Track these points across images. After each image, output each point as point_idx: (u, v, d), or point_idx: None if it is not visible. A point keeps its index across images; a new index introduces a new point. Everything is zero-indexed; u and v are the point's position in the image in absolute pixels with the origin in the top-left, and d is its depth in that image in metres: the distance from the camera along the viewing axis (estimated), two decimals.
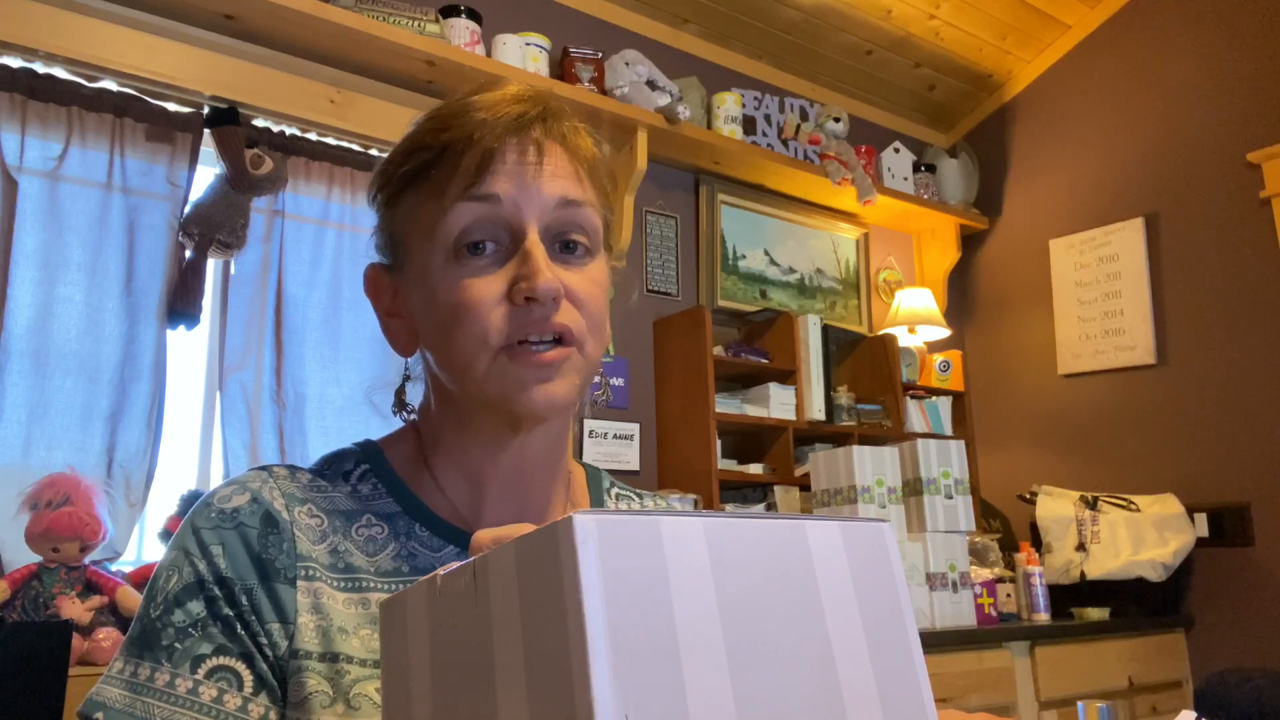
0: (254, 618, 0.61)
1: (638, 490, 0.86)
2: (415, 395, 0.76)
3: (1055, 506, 3.07)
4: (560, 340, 0.65)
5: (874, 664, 0.40)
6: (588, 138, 0.72)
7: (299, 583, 0.63)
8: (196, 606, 0.61)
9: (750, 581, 0.38)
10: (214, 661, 0.60)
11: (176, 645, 0.60)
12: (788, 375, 2.94)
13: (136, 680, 0.60)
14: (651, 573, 0.36)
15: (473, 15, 2.53)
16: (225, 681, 0.60)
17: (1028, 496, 3.17)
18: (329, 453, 0.74)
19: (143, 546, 2.11)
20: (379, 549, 0.67)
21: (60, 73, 2.04)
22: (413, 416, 0.75)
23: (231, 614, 0.61)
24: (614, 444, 2.76)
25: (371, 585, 0.65)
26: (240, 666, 0.60)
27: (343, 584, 0.65)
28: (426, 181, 0.67)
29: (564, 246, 0.67)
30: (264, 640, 0.61)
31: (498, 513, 0.71)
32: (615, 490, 0.83)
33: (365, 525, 0.68)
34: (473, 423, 0.69)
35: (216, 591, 0.61)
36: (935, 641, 2.39)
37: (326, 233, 2.36)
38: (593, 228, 0.68)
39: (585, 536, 0.35)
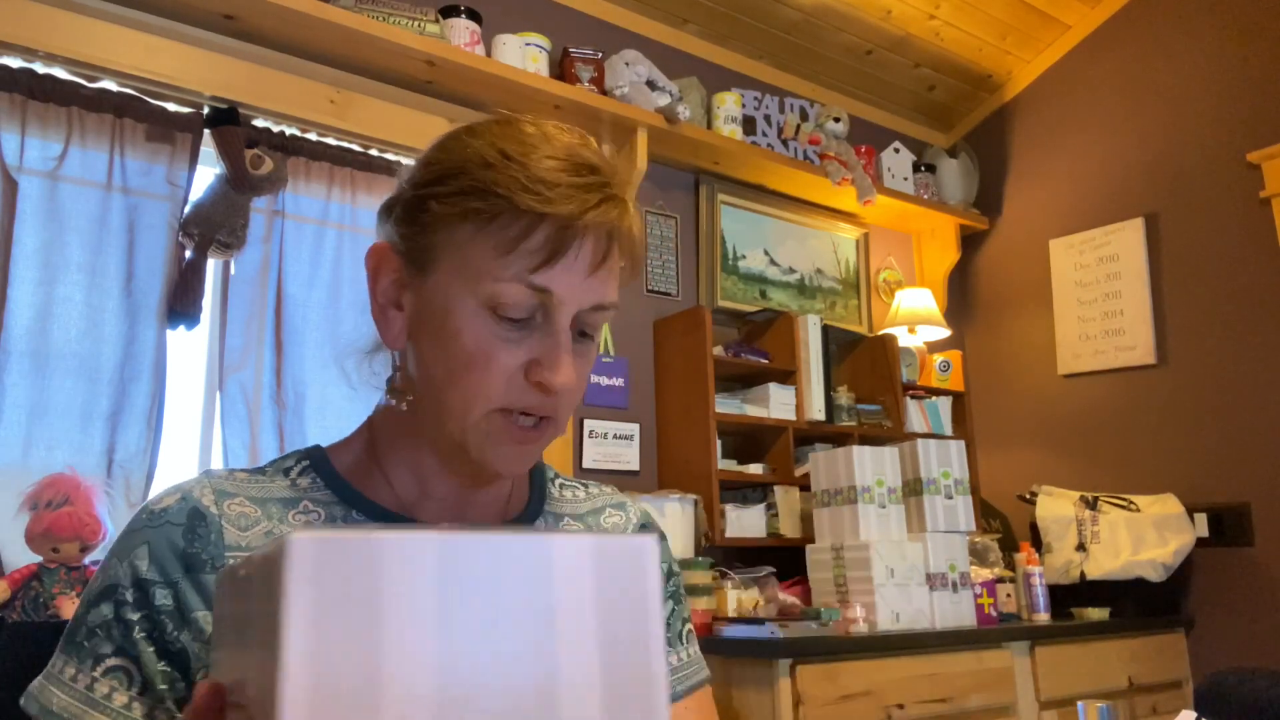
0: (170, 618, 0.65)
1: (583, 481, 0.89)
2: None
3: (1055, 506, 3.07)
4: (543, 417, 0.70)
5: (605, 694, 0.38)
6: (637, 219, 0.74)
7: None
8: (107, 609, 0.66)
9: (478, 602, 0.37)
10: (111, 661, 0.65)
11: (85, 643, 0.65)
12: (788, 375, 2.94)
13: (52, 671, 0.66)
14: (365, 593, 0.36)
15: (473, 15, 2.53)
16: (117, 680, 0.64)
17: (1028, 496, 3.17)
18: (278, 458, 0.78)
19: None
20: None
21: (60, 73, 2.04)
22: (392, 402, 0.77)
23: (135, 618, 0.65)
24: (614, 444, 2.76)
25: None
26: (132, 667, 0.65)
27: None
28: (490, 230, 0.66)
29: (579, 333, 0.71)
30: (182, 637, 0.65)
31: (437, 510, 0.75)
32: (560, 481, 0.87)
33: (302, 512, 0.72)
34: (437, 443, 0.73)
35: (128, 596, 0.66)
36: (935, 641, 2.39)
37: (326, 233, 2.36)
38: (603, 323, 0.72)
39: (300, 556, 0.35)
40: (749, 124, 3.15)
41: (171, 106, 2.17)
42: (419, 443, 0.74)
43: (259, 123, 2.28)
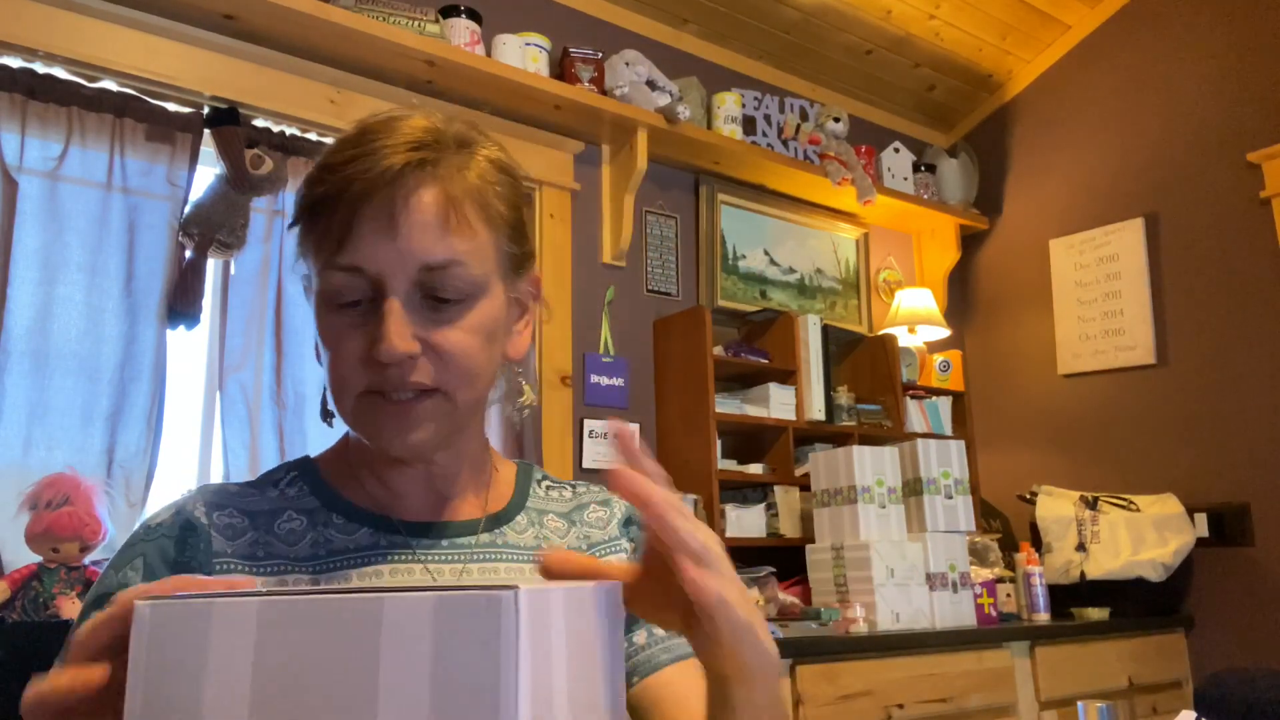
0: None
1: (573, 482, 0.89)
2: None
3: (1055, 506, 3.07)
4: (422, 391, 0.69)
5: None
6: (479, 170, 0.72)
7: (214, 576, 0.70)
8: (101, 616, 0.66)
9: (296, 666, 0.37)
10: None
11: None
12: (788, 375, 2.94)
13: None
14: (191, 657, 0.36)
15: (473, 15, 2.53)
16: None
17: (1028, 496, 3.17)
18: (271, 469, 0.81)
19: None
20: (298, 539, 0.73)
21: (60, 73, 2.04)
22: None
23: None
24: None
25: (290, 569, 0.72)
26: None
27: (262, 570, 0.71)
28: (311, 228, 0.71)
29: (437, 299, 0.69)
30: None
31: (415, 508, 0.77)
32: (546, 483, 0.87)
33: (286, 520, 0.74)
34: (368, 446, 0.75)
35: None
36: (935, 641, 2.39)
37: None
38: (466, 281, 0.69)
39: (139, 619, 0.36)
40: (749, 124, 3.15)
41: (171, 106, 2.17)
42: (373, 453, 0.76)
43: (259, 123, 2.28)
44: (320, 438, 2.24)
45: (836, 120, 3.23)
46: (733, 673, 0.51)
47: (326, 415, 0.80)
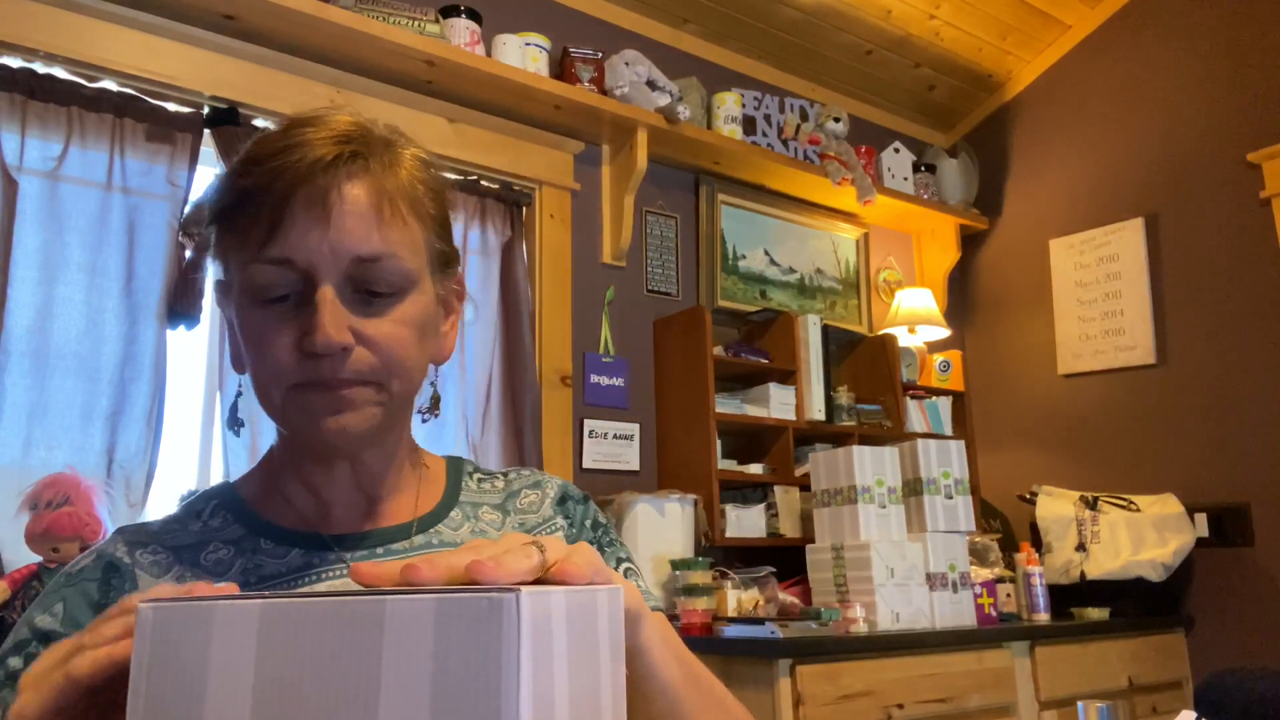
0: None
1: (504, 469, 0.88)
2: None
3: (1055, 506, 3.07)
4: (355, 381, 0.68)
5: None
6: (409, 167, 0.72)
7: None
8: (16, 662, 0.66)
9: (297, 669, 0.36)
10: None
11: None
12: (788, 375, 2.94)
13: None
14: (193, 660, 0.36)
15: (473, 15, 2.53)
16: None
17: (1028, 496, 3.17)
18: (192, 499, 0.79)
19: None
20: (226, 569, 0.72)
21: (60, 73, 2.04)
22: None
23: None
24: (614, 444, 2.76)
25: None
26: None
27: None
28: (233, 224, 0.69)
29: (368, 292, 0.68)
30: None
31: (344, 518, 0.75)
32: (478, 475, 0.86)
33: (212, 551, 0.73)
34: (299, 442, 0.73)
35: (35, 650, 0.66)
36: (935, 641, 2.39)
37: None
38: (398, 274, 0.69)
39: (142, 622, 0.36)
40: (749, 124, 3.15)
41: (171, 106, 2.17)
42: (300, 458, 0.75)
43: (259, 123, 2.28)
44: None
45: (836, 120, 3.23)
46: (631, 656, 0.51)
47: (235, 423, 0.79)
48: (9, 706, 0.64)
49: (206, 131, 2.19)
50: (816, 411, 2.96)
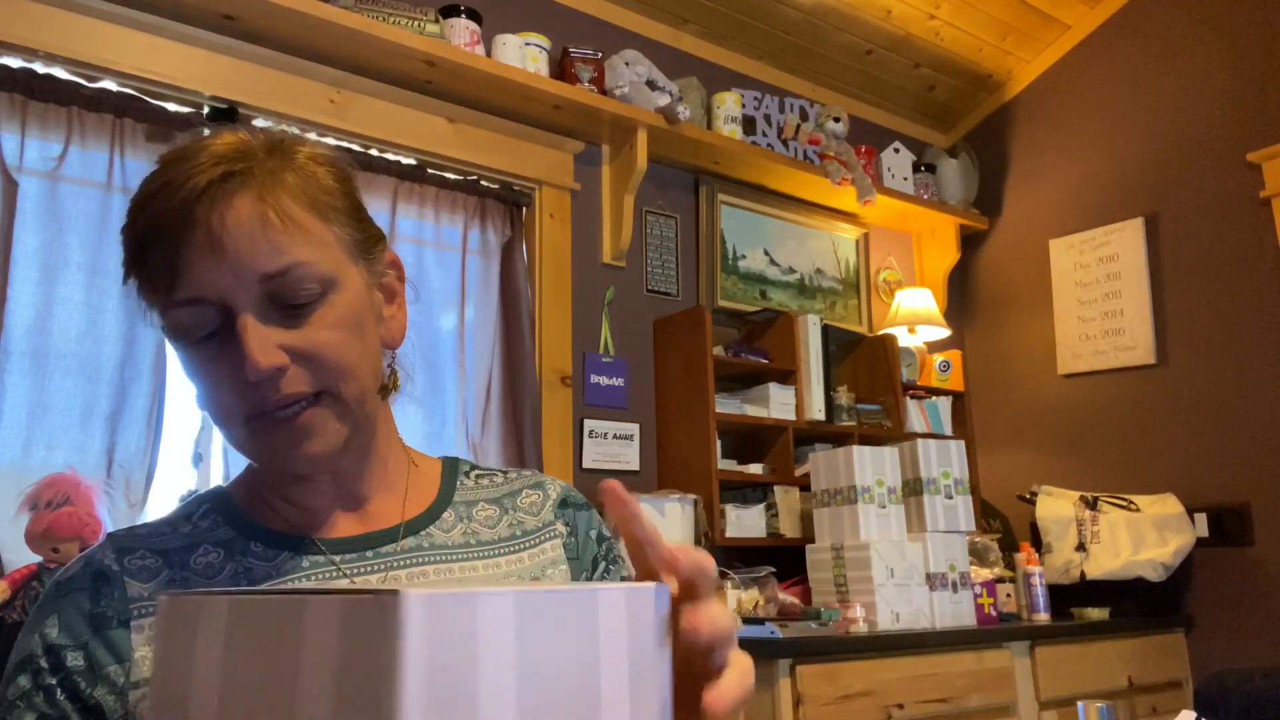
0: (83, 676, 0.67)
1: (506, 468, 0.87)
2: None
3: (1055, 506, 3.07)
4: (305, 400, 0.67)
5: None
6: (296, 169, 0.69)
7: (133, 622, 0.69)
8: (25, 680, 0.67)
9: (549, 656, 0.39)
10: None
11: (6, 717, 0.66)
12: (788, 375, 2.94)
13: None
14: (465, 650, 0.36)
15: (473, 15, 2.53)
16: None
17: (1028, 496, 3.17)
18: (186, 502, 0.79)
19: None
20: (216, 572, 0.72)
21: (60, 73, 2.04)
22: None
23: (54, 681, 0.66)
24: (614, 444, 2.76)
25: None
26: None
27: None
28: (138, 275, 0.68)
29: (290, 306, 0.66)
30: (95, 692, 0.67)
31: (332, 522, 0.75)
32: (475, 473, 0.85)
33: (202, 555, 0.72)
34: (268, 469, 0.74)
35: (43, 663, 0.67)
36: (935, 641, 2.39)
37: None
38: (312, 279, 0.66)
39: (409, 611, 0.35)
40: (749, 124, 3.15)
41: (171, 106, 2.17)
42: (278, 477, 0.75)
43: (259, 123, 2.28)
44: None
45: (836, 120, 3.23)
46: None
47: (196, 459, 0.80)
48: None
49: (206, 131, 2.19)
50: (816, 411, 2.96)
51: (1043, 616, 2.77)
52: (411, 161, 2.51)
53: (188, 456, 2.23)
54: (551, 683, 0.39)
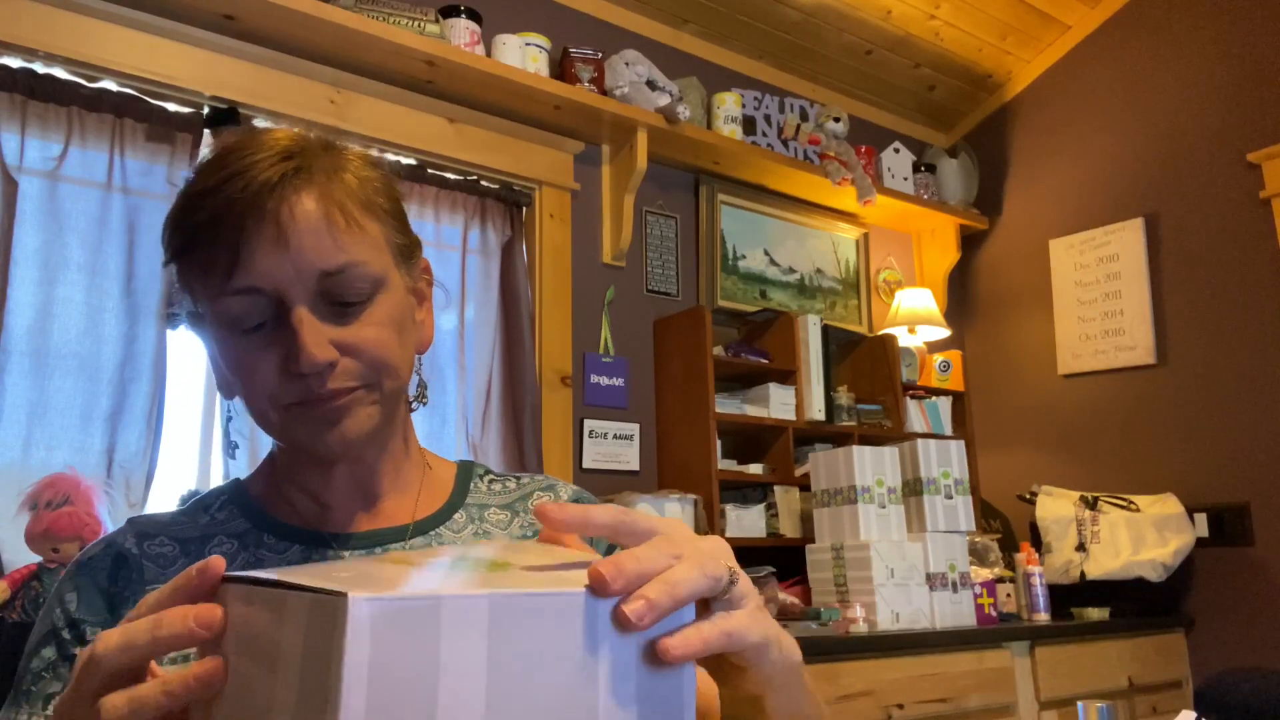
0: None
1: (519, 474, 0.88)
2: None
3: (1055, 506, 3.07)
4: (346, 393, 0.69)
5: None
6: (353, 169, 0.72)
7: None
8: (50, 652, 0.69)
9: (527, 661, 0.37)
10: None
11: (33, 688, 0.68)
12: (788, 375, 2.94)
13: None
14: (423, 655, 0.36)
15: (473, 15, 2.53)
16: None
17: (1028, 496, 3.17)
18: (205, 494, 0.81)
19: None
20: (230, 561, 0.72)
21: (60, 73, 2.04)
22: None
23: (77, 652, 0.67)
24: (614, 444, 2.76)
25: None
26: None
27: None
28: (192, 260, 0.69)
29: (340, 304, 0.69)
30: None
31: (345, 518, 0.76)
32: (489, 477, 0.86)
33: (217, 545, 0.75)
34: (297, 454, 0.75)
35: (67, 635, 0.69)
36: (935, 641, 2.39)
37: None
38: (365, 280, 0.69)
39: (357, 618, 0.34)
40: (749, 124, 3.15)
41: (171, 106, 2.17)
42: (299, 464, 0.76)
43: (259, 123, 2.28)
44: None
45: (836, 120, 3.23)
46: (766, 690, 0.51)
47: (230, 448, 0.81)
48: (49, 697, 0.66)
49: (206, 131, 2.19)
50: (816, 411, 2.96)
51: (1043, 616, 2.77)
52: (412, 161, 2.51)
53: (191, 456, 2.23)
54: (534, 693, 0.37)
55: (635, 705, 0.39)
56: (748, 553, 2.80)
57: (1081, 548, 2.94)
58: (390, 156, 2.48)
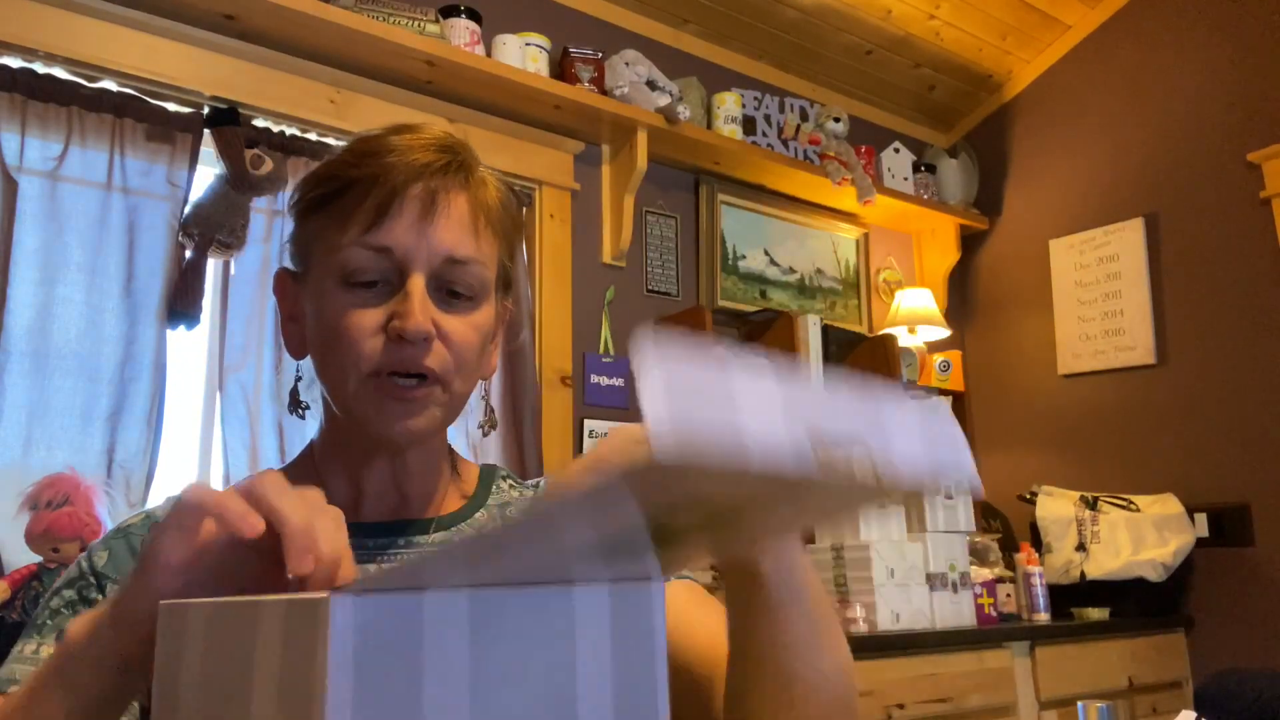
0: None
1: (535, 480, 0.91)
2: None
3: (1055, 506, 3.07)
4: (426, 377, 0.72)
5: None
6: (495, 188, 0.78)
7: None
8: (70, 593, 0.72)
9: (507, 656, 0.38)
10: None
11: (48, 622, 0.71)
12: None
13: (21, 653, 0.70)
14: (407, 650, 0.36)
15: (473, 15, 2.53)
16: None
17: (1028, 496, 3.17)
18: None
19: None
20: None
21: (60, 73, 2.04)
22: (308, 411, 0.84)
23: (97, 598, 0.71)
24: None
25: None
26: None
27: None
28: (333, 210, 0.73)
29: (449, 293, 0.73)
30: None
31: (374, 508, 0.78)
32: (509, 481, 0.88)
33: None
34: (350, 431, 0.76)
35: (91, 580, 0.72)
36: (935, 641, 2.39)
37: None
38: (479, 280, 0.74)
39: (341, 616, 0.34)
40: (749, 124, 3.15)
41: (171, 106, 2.17)
42: (347, 447, 0.77)
43: (259, 123, 2.28)
44: None
45: (836, 120, 3.23)
46: (759, 553, 0.56)
47: (296, 406, 0.83)
48: (62, 630, 0.67)
49: (206, 131, 2.19)
50: None
51: (1043, 616, 2.77)
52: None
53: (191, 456, 2.23)
54: (515, 687, 0.37)
55: (612, 700, 0.40)
56: None
57: (1081, 548, 2.94)
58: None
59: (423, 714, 0.35)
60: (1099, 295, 3.35)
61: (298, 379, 0.82)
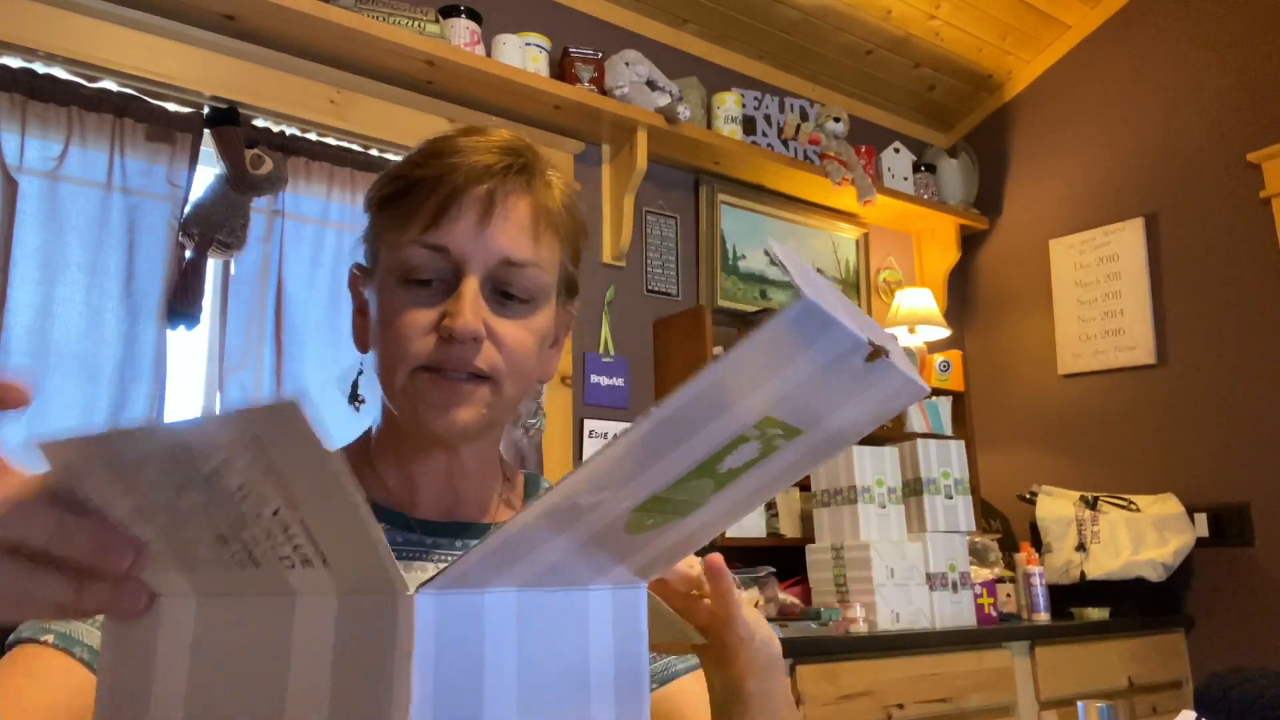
0: None
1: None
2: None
3: (1055, 506, 3.07)
4: (475, 376, 0.72)
5: None
6: (560, 192, 0.79)
7: None
8: None
9: (542, 651, 0.41)
10: None
11: None
12: None
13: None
14: (472, 646, 0.37)
15: (473, 15, 2.53)
16: None
17: (1028, 496, 3.17)
18: None
19: None
20: None
21: (60, 73, 2.04)
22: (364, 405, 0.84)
23: None
24: None
25: None
26: None
27: None
28: (398, 208, 0.74)
29: (504, 295, 0.74)
30: None
31: (430, 505, 0.79)
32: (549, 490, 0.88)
33: None
34: (403, 426, 0.77)
35: None
36: (935, 641, 2.39)
37: (326, 233, 2.36)
38: (536, 285, 0.75)
39: (424, 612, 0.35)
40: (749, 124, 3.15)
41: (171, 106, 2.17)
42: (401, 442, 0.78)
43: (259, 123, 2.28)
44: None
45: (836, 120, 3.23)
46: (747, 674, 0.62)
47: (355, 399, 0.83)
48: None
49: (206, 131, 2.19)
50: None
51: (1043, 616, 2.77)
52: None
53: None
54: (548, 676, 0.40)
55: (614, 684, 0.44)
56: (748, 552, 2.80)
57: (1081, 548, 2.94)
58: (390, 156, 2.48)
59: (482, 708, 0.37)
60: (1099, 295, 3.35)
61: (359, 372, 0.83)
